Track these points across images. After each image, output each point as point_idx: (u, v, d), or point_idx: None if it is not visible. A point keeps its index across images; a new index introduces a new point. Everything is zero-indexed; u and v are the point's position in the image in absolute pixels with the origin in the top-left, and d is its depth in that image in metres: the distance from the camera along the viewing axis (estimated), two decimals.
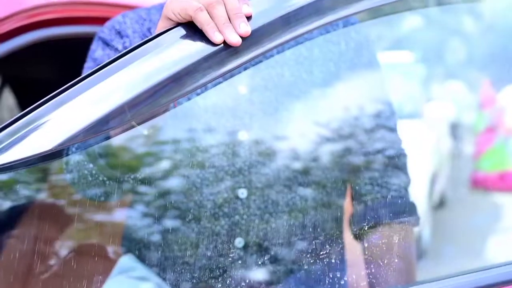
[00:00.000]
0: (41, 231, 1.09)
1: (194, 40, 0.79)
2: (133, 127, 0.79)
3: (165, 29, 0.80)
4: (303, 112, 1.15)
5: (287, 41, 0.81)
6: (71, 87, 0.74)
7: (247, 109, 1.11)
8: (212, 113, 1.11)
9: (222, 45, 0.78)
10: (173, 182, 1.13)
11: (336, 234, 1.15)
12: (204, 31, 0.78)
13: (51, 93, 0.72)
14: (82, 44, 1.49)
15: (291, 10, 0.81)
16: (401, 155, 1.16)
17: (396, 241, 1.10)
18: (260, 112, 1.12)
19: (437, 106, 5.75)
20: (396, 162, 1.14)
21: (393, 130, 1.15)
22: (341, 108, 1.15)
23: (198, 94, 0.81)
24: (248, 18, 0.79)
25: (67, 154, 0.79)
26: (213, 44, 0.78)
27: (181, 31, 0.79)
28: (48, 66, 2.42)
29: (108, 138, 0.82)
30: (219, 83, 0.85)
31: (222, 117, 1.11)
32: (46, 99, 0.74)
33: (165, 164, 1.14)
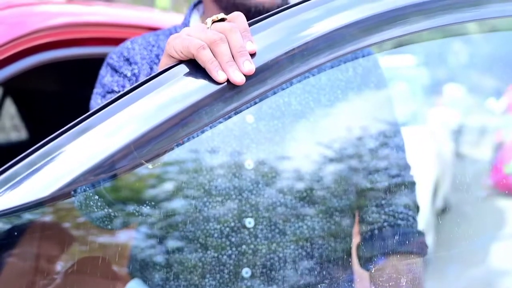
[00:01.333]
0: (44, 253, 1.08)
1: (197, 77, 0.76)
2: (141, 165, 0.77)
3: (167, 66, 0.78)
4: (309, 140, 1.13)
5: (292, 77, 0.79)
6: (67, 131, 0.72)
7: (254, 138, 1.10)
8: (218, 142, 1.09)
9: (226, 83, 0.75)
10: (180, 211, 1.11)
11: (344, 262, 1.14)
12: (207, 69, 0.75)
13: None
14: (84, 59, 1.49)
15: (297, 45, 0.79)
16: (410, 182, 1.14)
17: (404, 271, 1.08)
18: (266, 141, 1.10)
19: (440, 111, 5.72)
20: (405, 190, 1.12)
21: (402, 157, 1.13)
22: (349, 136, 1.13)
23: (203, 132, 0.78)
24: (252, 55, 0.77)
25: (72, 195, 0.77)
26: (217, 83, 0.75)
27: (183, 68, 0.77)
28: (50, 77, 2.41)
29: (114, 176, 0.80)
30: (223, 121, 0.83)
31: (228, 146, 1.10)
32: (42, 143, 0.72)
33: (171, 194, 1.12)
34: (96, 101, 1.19)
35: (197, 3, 1.30)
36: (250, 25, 0.80)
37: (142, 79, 1.18)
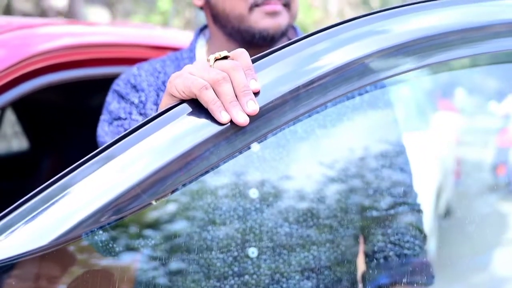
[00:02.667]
0: (45, 273, 1.06)
1: (199, 118, 0.75)
2: (149, 205, 0.75)
3: (169, 106, 0.76)
4: (314, 167, 1.11)
5: (298, 116, 0.77)
6: (66, 175, 0.71)
7: (259, 166, 1.08)
8: (223, 169, 1.08)
9: (230, 123, 0.74)
10: (183, 240, 1.10)
11: None
12: (209, 110, 0.73)
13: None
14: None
15: (302, 83, 0.77)
16: (417, 210, 1.12)
17: None
18: (271, 169, 1.09)
19: (443, 116, 5.72)
20: (411, 219, 1.11)
21: (408, 184, 1.12)
22: (355, 163, 1.12)
23: (206, 173, 0.76)
24: (256, 93, 0.75)
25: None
26: (220, 123, 0.74)
27: (185, 108, 0.75)
28: (51, 91, 2.40)
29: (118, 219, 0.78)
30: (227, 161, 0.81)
31: (232, 174, 1.08)
32: (40, 189, 0.70)
33: (173, 221, 1.10)
34: (103, 129, 1.18)
35: (203, 28, 1.29)
36: (254, 61, 0.78)
37: (149, 106, 1.17)
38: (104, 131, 1.18)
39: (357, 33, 0.83)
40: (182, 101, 0.76)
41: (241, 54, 0.77)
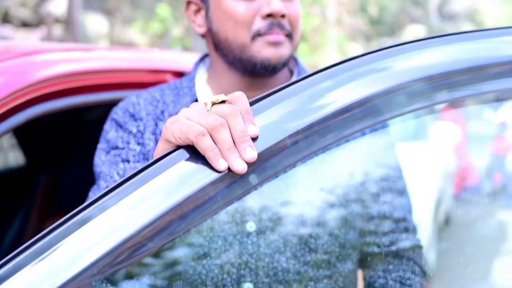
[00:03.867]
0: None
1: (196, 164, 0.72)
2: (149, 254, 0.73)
3: (164, 152, 0.74)
4: (313, 202, 1.09)
5: (297, 161, 0.75)
6: (59, 227, 0.68)
7: (256, 199, 1.06)
8: None
9: (227, 171, 0.72)
10: (178, 273, 1.08)
11: None
12: (207, 157, 0.71)
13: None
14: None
15: (301, 127, 0.75)
16: (416, 246, 1.10)
17: None
18: (269, 202, 1.07)
19: (442, 127, 5.70)
20: (411, 255, 1.09)
21: (409, 220, 1.10)
22: (355, 200, 1.10)
23: (204, 221, 0.74)
24: (255, 138, 0.73)
25: None
26: (217, 171, 0.71)
27: (182, 154, 0.73)
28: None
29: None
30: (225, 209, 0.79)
31: (229, 207, 1.06)
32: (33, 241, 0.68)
33: (168, 254, 1.08)
34: (100, 158, 1.17)
35: (204, 57, 1.28)
36: (252, 103, 0.76)
37: (147, 136, 1.15)
38: (101, 160, 1.16)
39: (359, 72, 0.81)
40: (179, 147, 0.74)
41: (239, 98, 0.75)
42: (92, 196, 1.12)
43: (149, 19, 15.47)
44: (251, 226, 1.06)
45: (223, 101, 0.76)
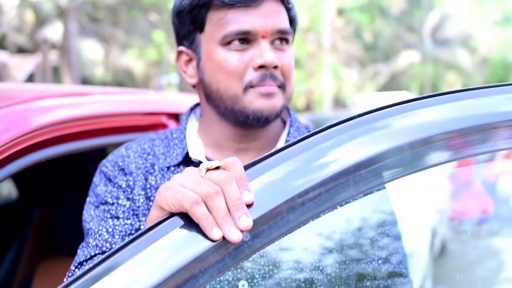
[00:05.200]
0: None
1: (190, 232, 0.71)
2: None
3: (158, 220, 0.72)
4: (306, 259, 1.07)
5: (294, 227, 0.74)
6: None
7: (249, 259, 1.04)
8: None
9: (222, 239, 0.70)
10: None
11: None
12: (201, 226, 0.70)
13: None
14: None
15: (297, 193, 0.73)
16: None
17: None
18: (262, 260, 1.05)
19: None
20: None
21: (406, 275, 1.08)
22: (349, 256, 1.08)
23: None
24: (250, 205, 0.72)
25: None
26: (212, 239, 0.70)
27: (175, 222, 0.72)
28: None
29: None
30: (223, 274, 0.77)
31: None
32: None
33: None
34: (89, 213, 1.14)
35: (194, 107, 1.26)
36: (247, 167, 0.75)
37: (136, 191, 1.13)
38: (90, 215, 1.14)
39: (358, 132, 0.79)
40: (172, 214, 0.72)
41: (234, 164, 0.74)
42: (80, 253, 1.09)
43: (145, 45, 15.54)
44: (243, 285, 1.04)
45: (217, 167, 0.74)
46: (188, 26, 1.15)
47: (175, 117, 1.66)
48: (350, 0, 17.50)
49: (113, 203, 1.13)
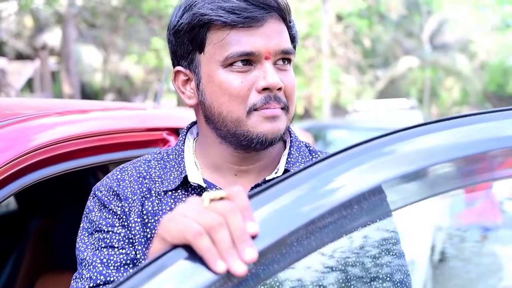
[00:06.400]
0: None
1: (194, 264, 0.69)
2: None
3: (161, 252, 0.71)
4: (310, 277, 1.06)
5: (299, 259, 0.72)
6: None
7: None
8: None
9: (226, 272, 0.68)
10: None
11: None
12: (204, 259, 0.68)
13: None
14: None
15: (303, 223, 0.72)
16: None
17: None
18: None
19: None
20: None
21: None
22: (354, 275, 1.06)
23: None
24: (254, 236, 0.70)
25: None
26: (216, 272, 0.68)
27: (178, 254, 0.70)
28: None
29: None
30: None
31: None
32: None
33: None
34: (83, 240, 1.11)
35: (191, 126, 1.23)
36: (251, 196, 0.74)
37: (132, 219, 1.10)
38: (84, 243, 1.10)
39: (361, 159, 0.78)
40: (175, 246, 0.71)
41: (237, 194, 0.72)
42: (74, 285, 1.06)
43: (144, 51, 15.54)
44: None
45: (221, 197, 0.73)
46: (186, 46, 1.11)
47: (176, 132, 1.65)
48: (349, 5, 17.50)
49: (108, 231, 1.09)
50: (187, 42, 1.11)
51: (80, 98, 15.70)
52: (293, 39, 1.14)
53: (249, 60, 1.07)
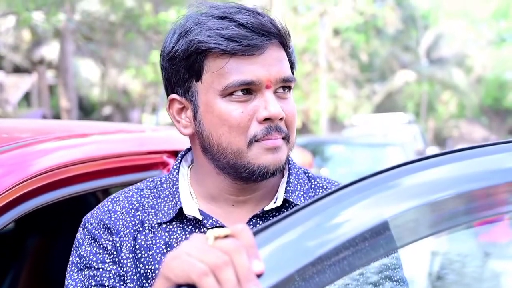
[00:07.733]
0: None
1: None
2: None
3: None
4: None
5: None
6: None
7: None
8: None
9: None
10: None
11: None
12: None
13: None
14: None
15: (309, 261, 0.71)
16: None
17: None
18: None
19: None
20: None
21: None
22: None
23: None
24: (260, 275, 0.69)
25: None
26: None
27: None
28: None
29: None
30: None
31: None
32: None
33: None
34: (72, 276, 1.05)
35: (185, 153, 1.18)
36: (256, 233, 0.72)
37: (124, 255, 1.06)
38: (74, 280, 1.05)
39: (367, 194, 0.77)
40: (179, 285, 0.69)
41: (242, 232, 0.71)
42: None
43: (142, 65, 15.56)
44: None
45: (226, 235, 0.72)
46: (182, 73, 1.06)
47: (175, 155, 1.64)
48: (346, 20, 17.59)
49: (98, 268, 1.04)
50: (183, 69, 1.06)
51: (77, 112, 15.70)
52: (292, 65, 1.10)
53: (249, 89, 1.03)
